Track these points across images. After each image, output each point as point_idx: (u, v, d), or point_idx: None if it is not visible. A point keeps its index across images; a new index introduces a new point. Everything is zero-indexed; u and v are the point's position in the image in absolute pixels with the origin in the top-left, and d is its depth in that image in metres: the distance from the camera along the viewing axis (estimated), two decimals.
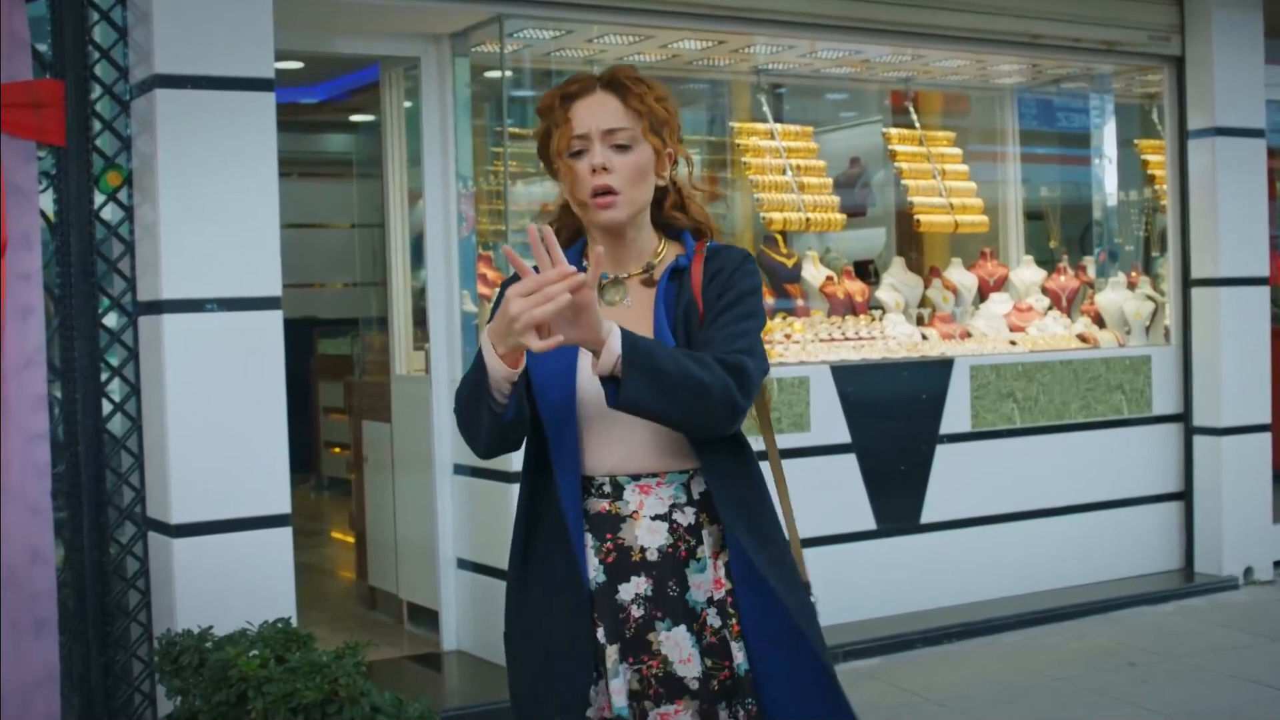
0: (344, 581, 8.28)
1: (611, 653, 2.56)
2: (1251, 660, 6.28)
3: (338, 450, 11.11)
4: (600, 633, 2.57)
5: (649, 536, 2.60)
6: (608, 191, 2.59)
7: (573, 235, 2.78)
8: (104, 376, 5.11)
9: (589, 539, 2.60)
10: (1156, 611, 7.19)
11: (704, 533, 2.61)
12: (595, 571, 2.60)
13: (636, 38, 6.75)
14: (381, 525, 7.20)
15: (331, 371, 11.11)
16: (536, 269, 2.32)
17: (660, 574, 2.59)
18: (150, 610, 5.12)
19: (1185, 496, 7.80)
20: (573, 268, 2.28)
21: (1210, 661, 6.27)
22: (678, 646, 2.58)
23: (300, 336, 12.06)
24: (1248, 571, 7.69)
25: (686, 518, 2.61)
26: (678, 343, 2.56)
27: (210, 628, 4.63)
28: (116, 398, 5.15)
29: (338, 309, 11.78)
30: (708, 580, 2.61)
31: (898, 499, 6.88)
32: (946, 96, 8.73)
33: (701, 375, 2.43)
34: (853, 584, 6.64)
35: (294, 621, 4.85)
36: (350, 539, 8.46)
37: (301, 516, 10.63)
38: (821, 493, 6.58)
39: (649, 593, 2.58)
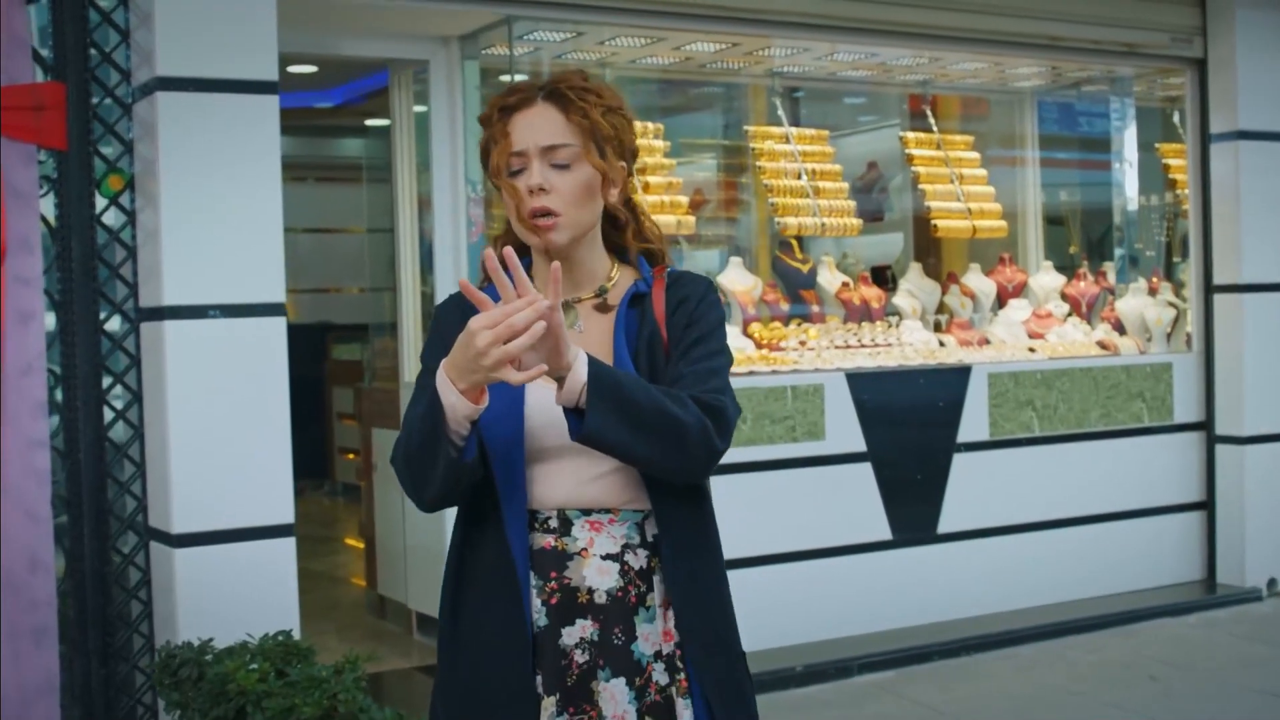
0: (355, 589, 8.20)
1: (549, 705, 2.34)
2: (1275, 673, 6.18)
3: (351, 456, 11.04)
4: (539, 682, 2.35)
5: (598, 577, 2.37)
6: (547, 214, 2.38)
7: (522, 253, 2.56)
8: (106, 383, 5.05)
9: (531, 577, 2.37)
10: (1178, 624, 7.08)
11: (655, 579, 2.40)
12: (537, 614, 2.36)
13: (648, 40, 6.67)
14: (391, 533, 7.13)
15: (345, 377, 11.04)
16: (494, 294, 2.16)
17: (608, 619, 2.36)
18: (152, 621, 5.05)
19: (1207, 506, 7.69)
20: (538, 294, 2.12)
21: (1233, 675, 6.16)
22: (614, 700, 2.35)
23: (314, 341, 12.06)
24: (1271, 583, 7.57)
25: (639, 560, 2.39)
26: (640, 374, 2.37)
27: (210, 640, 4.57)
28: (119, 405, 5.08)
29: (352, 314, 11.72)
30: (656, 632, 2.39)
31: (914, 509, 6.78)
32: (965, 101, 8.66)
33: (677, 412, 2.25)
34: (868, 595, 6.56)
35: (296, 633, 4.78)
36: (362, 546, 8.40)
37: (314, 523, 10.66)
38: (836, 502, 6.51)
39: (594, 638, 2.36)
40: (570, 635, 2.36)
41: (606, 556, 2.37)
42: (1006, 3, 6.97)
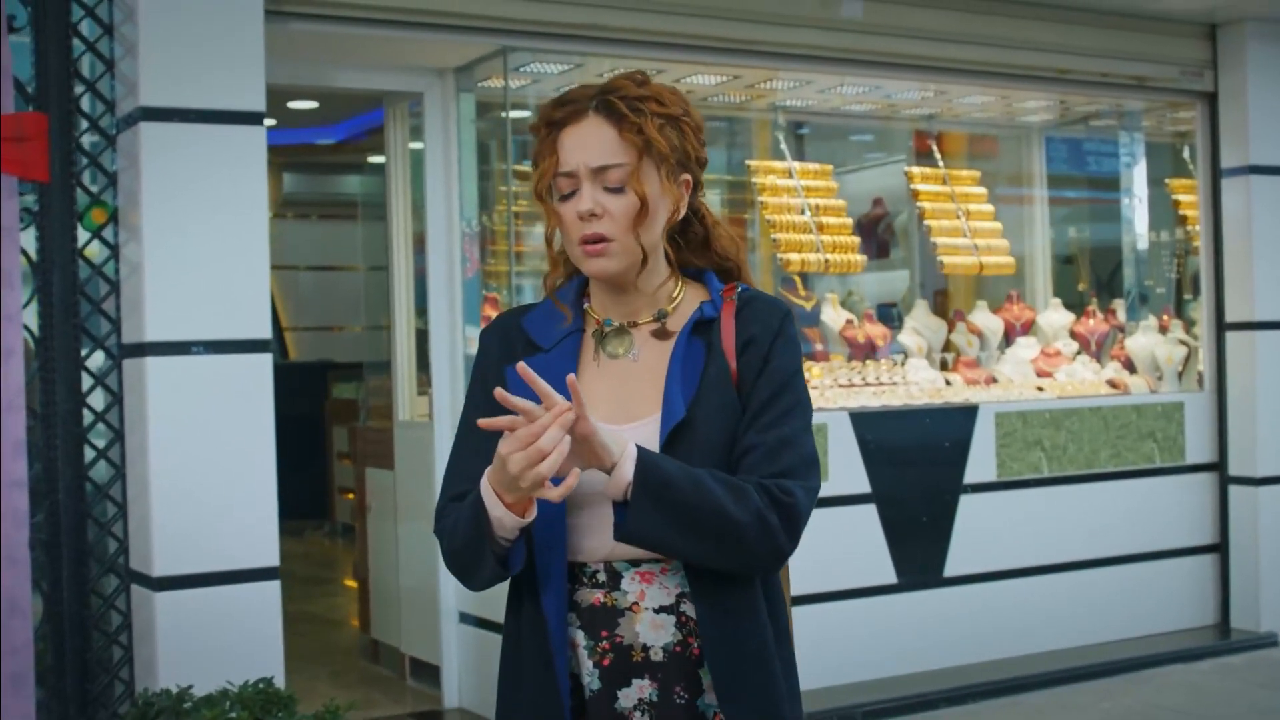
0: (350, 633, 8.04)
1: None
2: None
3: (350, 496, 10.92)
4: None
5: (653, 633, 2.15)
6: (599, 239, 2.17)
7: (571, 272, 2.36)
8: (87, 421, 4.92)
9: (581, 637, 2.17)
10: (1191, 670, 6.90)
11: None
12: (590, 677, 2.16)
13: (648, 72, 6.54)
14: (384, 576, 6.98)
15: (345, 416, 10.93)
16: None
17: (666, 677, 2.15)
18: (133, 667, 4.90)
19: (1220, 549, 7.51)
20: (564, 403, 1.96)
21: None
22: None
23: (315, 380, 11.97)
24: None
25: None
26: (707, 421, 2.15)
27: (190, 687, 4.43)
28: (100, 444, 4.94)
29: (353, 352, 11.63)
30: None
31: (920, 551, 6.61)
32: (972, 139, 8.53)
33: (736, 514, 2.05)
34: (872, 640, 6.40)
35: (280, 680, 4.63)
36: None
37: (313, 564, 10.52)
38: (840, 544, 6.35)
39: (653, 698, 2.15)
40: (627, 698, 2.17)
41: (660, 609, 2.16)
42: (1015, 35, 6.87)
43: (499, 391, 2.00)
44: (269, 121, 10.68)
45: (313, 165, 13.06)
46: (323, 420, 11.56)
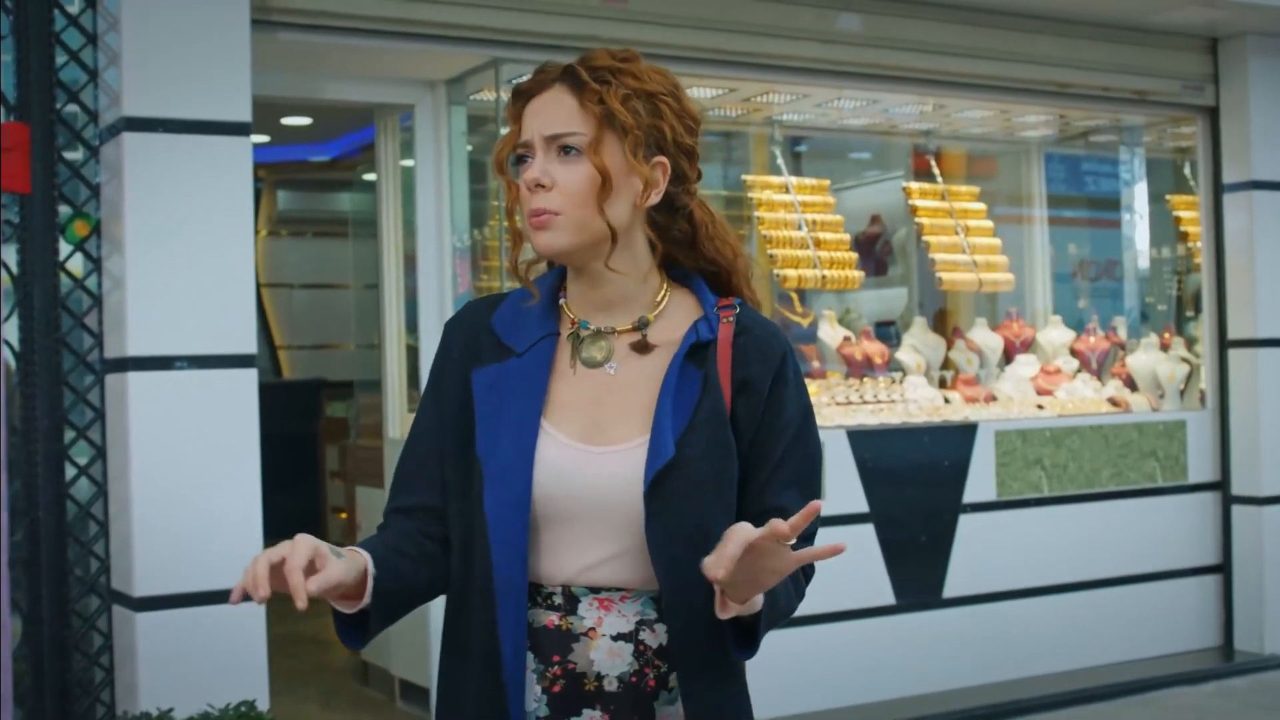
0: (342, 654, 7.92)
1: None
2: None
3: (343, 515, 10.82)
4: None
5: (608, 661, 2.01)
6: (541, 212, 2.00)
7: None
8: (68, 438, 4.82)
9: (530, 659, 2.02)
10: (1194, 692, 6.80)
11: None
12: (536, 703, 2.02)
13: None
14: None
15: (338, 435, 10.83)
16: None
17: (620, 709, 2.01)
18: (114, 689, 4.79)
19: (1224, 570, 7.41)
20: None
21: None
22: None
23: (309, 398, 11.86)
24: None
25: (657, 637, 2.03)
26: (699, 452, 1.99)
27: (171, 710, 4.35)
28: (81, 461, 4.84)
29: (347, 371, 11.53)
30: (678, 714, 2.04)
31: (918, 572, 6.51)
32: (971, 157, 8.45)
33: (795, 600, 2.08)
34: (870, 663, 6.30)
35: (264, 702, 4.53)
36: None
37: None
38: (837, 565, 6.15)
39: None
40: None
41: (618, 637, 2.02)
42: (1015, 49, 6.79)
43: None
44: (262, 138, 10.72)
45: (307, 183, 12.99)
46: (316, 439, 11.47)
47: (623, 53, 2.07)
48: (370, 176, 10.07)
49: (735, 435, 2.04)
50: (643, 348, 2.09)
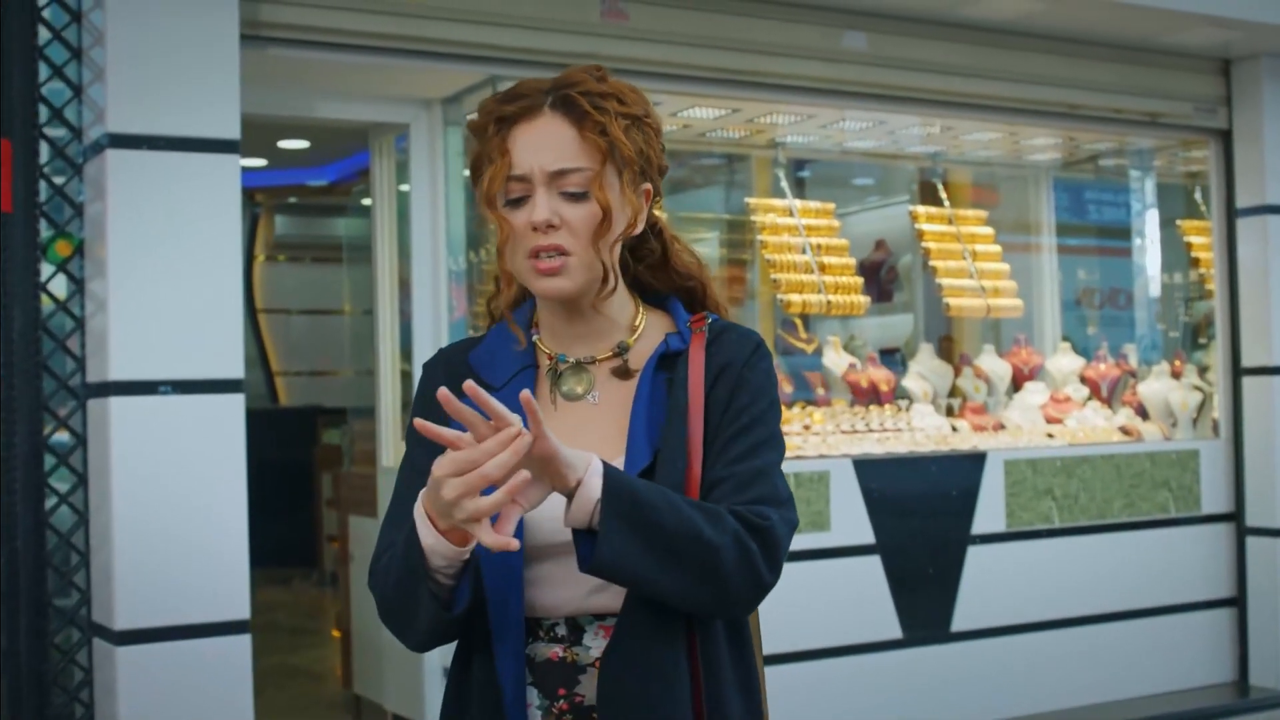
0: (334, 686, 7.77)
1: None
2: None
3: (336, 544, 10.69)
4: None
5: None
6: (556, 252, 1.92)
7: (522, 293, 2.12)
8: (48, 465, 4.65)
9: (535, 696, 1.93)
10: None
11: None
12: None
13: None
14: (368, 627, 6.71)
15: (333, 462, 10.71)
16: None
17: None
18: None
19: (1238, 603, 7.23)
20: (516, 424, 1.67)
21: None
22: None
23: (305, 425, 11.74)
24: None
25: None
26: (672, 454, 1.92)
27: None
28: (62, 488, 4.68)
29: (343, 397, 11.40)
30: None
31: (926, 605, 6.34)
32: (977, 189, 8.30)
33: (711, 536, 1.82)
34: (877, 698, 6.13)
35: None
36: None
37: (299, 614, 10.25)
38: (842, 598, 6.09)
39: None
40: None
41: None
42: (1025, 69, 6.65)
43: (419, 422, 1.74)
44: (259, 162, 10.58)
45: (305, 207, 12.92)
46: (312, 466, 11.35)
47: (598, 72, 1.99)
48: (368, 202, 9.99)
49: (708, 428, 1.95)
50: (624, 373, 2.02)
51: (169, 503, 4.54)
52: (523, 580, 1.91)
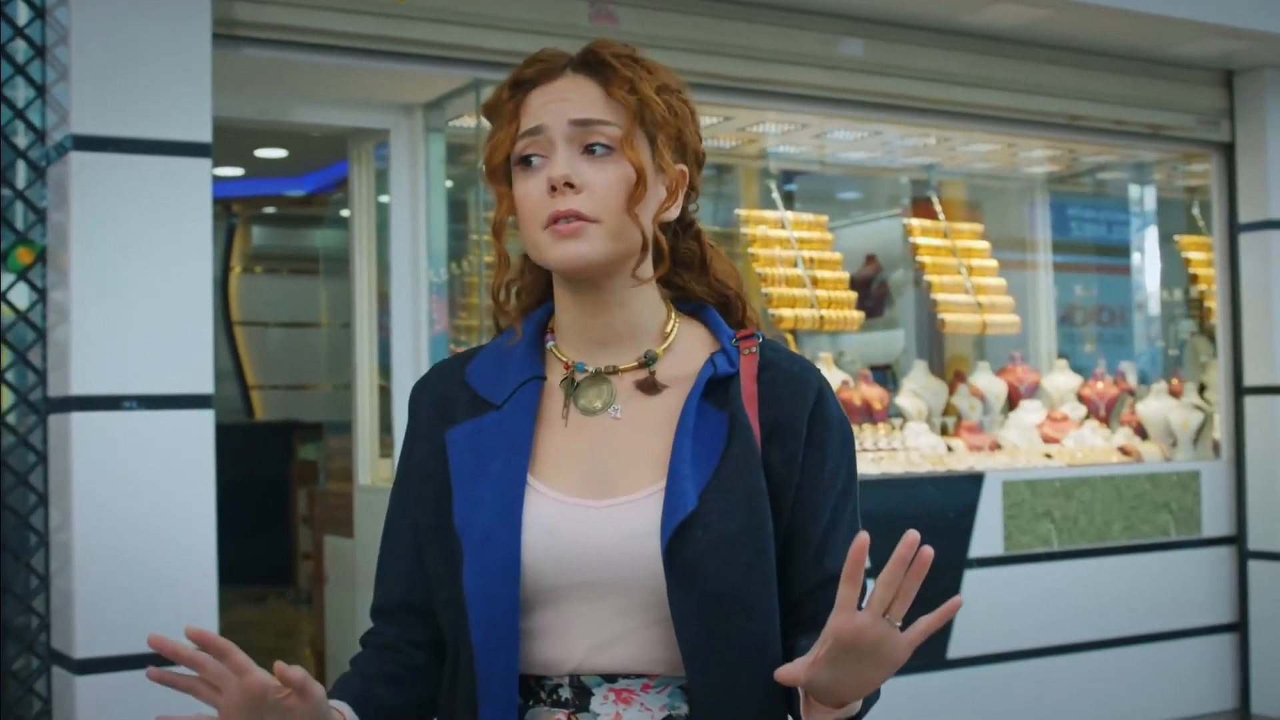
0: None
1: None
2: None
3: (312, 562, 10.50)
4: None
5: None
6: (574, 216, 1.63)
7: (540, 295, 1.82)
8: (7, 484, 4.45)
9: None
10: None
11: None
12: None
13: None
14: (342, 649, 6.50)
15: (309, 478, 10.52)
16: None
17: None
18: None
19: (1240, 628, 7.08)
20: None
21: None
22: None
23: (281, 441, 11.52)
24: None
25: None
26: (728, 507, 1.62)
27: None
28: (22, 509, 4.46)
29: (321, 412, 11.21)
30: None
31: None
32: (971, 203, 8.14)
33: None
34: None
35: None
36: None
37: (273, 634, 10.02)
38: None
39: None
40: None
41: None
42: (1025, 79, 6.50)
43: (189, 629, 1.53)
44: (235, 171, 10.35)
45: (282, 218, 12.73)
46: (288, 482, 11.14)
47: (626, 46, 1.73)
48: (346, 213, 9.80)
49: (770, 480, 1.67)
50: (650, 387, 1.72)
51: (134, 524, 4.33)
52: (518, 632, 1.63)
